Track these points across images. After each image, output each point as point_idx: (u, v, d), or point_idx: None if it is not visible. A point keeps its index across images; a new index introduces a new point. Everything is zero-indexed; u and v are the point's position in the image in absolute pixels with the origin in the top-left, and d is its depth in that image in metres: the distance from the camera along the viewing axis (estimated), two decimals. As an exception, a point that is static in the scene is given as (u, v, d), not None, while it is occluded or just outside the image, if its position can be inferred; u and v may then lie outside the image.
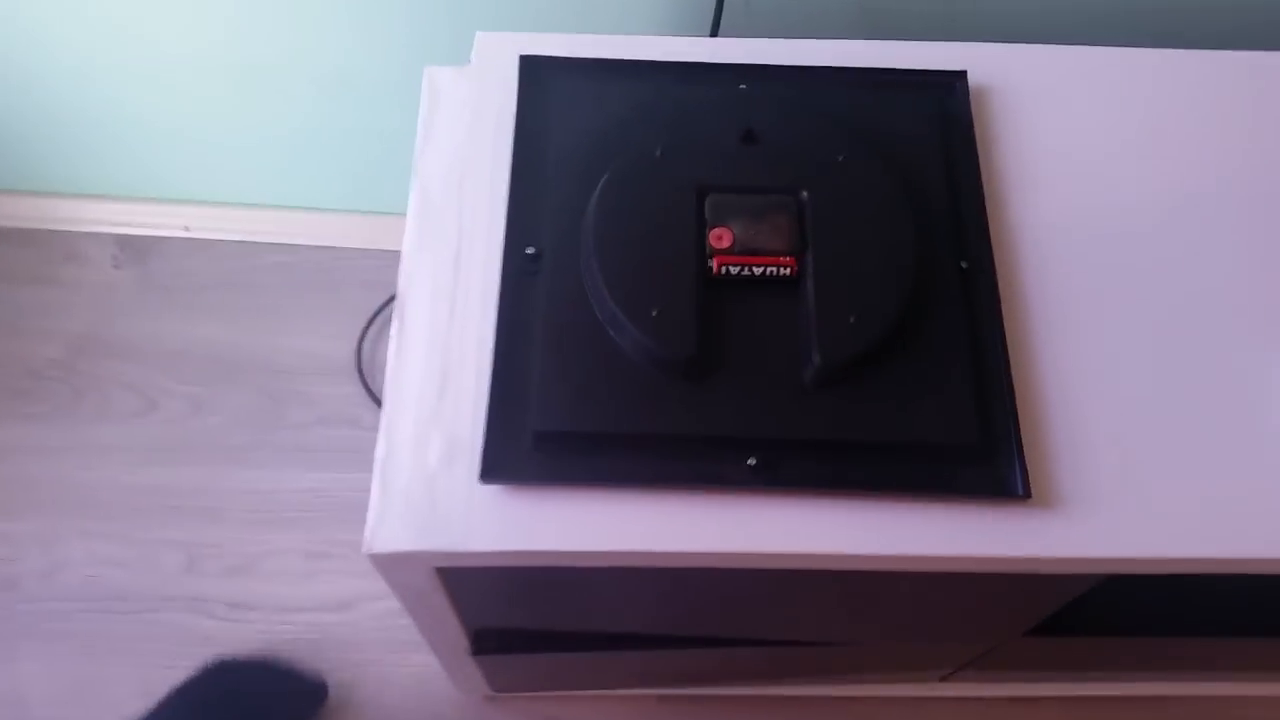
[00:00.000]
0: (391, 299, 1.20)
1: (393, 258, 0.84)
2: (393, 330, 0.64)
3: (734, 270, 0.62)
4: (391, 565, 0.59)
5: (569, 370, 0.60)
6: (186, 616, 1.08)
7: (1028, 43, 0.76)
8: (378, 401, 1.18)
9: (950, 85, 0.73)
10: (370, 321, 1.25)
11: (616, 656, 0.86)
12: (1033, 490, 0.59)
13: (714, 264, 0.62)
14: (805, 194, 0.64)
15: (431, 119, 0.72)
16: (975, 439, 0.59)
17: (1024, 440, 0.61)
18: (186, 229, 1.33)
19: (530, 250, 0.65)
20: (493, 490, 0.59)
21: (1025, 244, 0.68)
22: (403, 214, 0.68)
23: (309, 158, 1.22)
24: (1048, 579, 0.65)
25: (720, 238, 0.62)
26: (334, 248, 1.32)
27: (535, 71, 0.72)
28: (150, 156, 1.24)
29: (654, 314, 0.60)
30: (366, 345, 1.24)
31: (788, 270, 0.62)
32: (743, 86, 0.72)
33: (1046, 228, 0.69)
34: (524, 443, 0.59)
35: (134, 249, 1.31)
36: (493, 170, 0.69)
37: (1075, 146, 0.72)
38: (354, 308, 1.26)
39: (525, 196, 0.67)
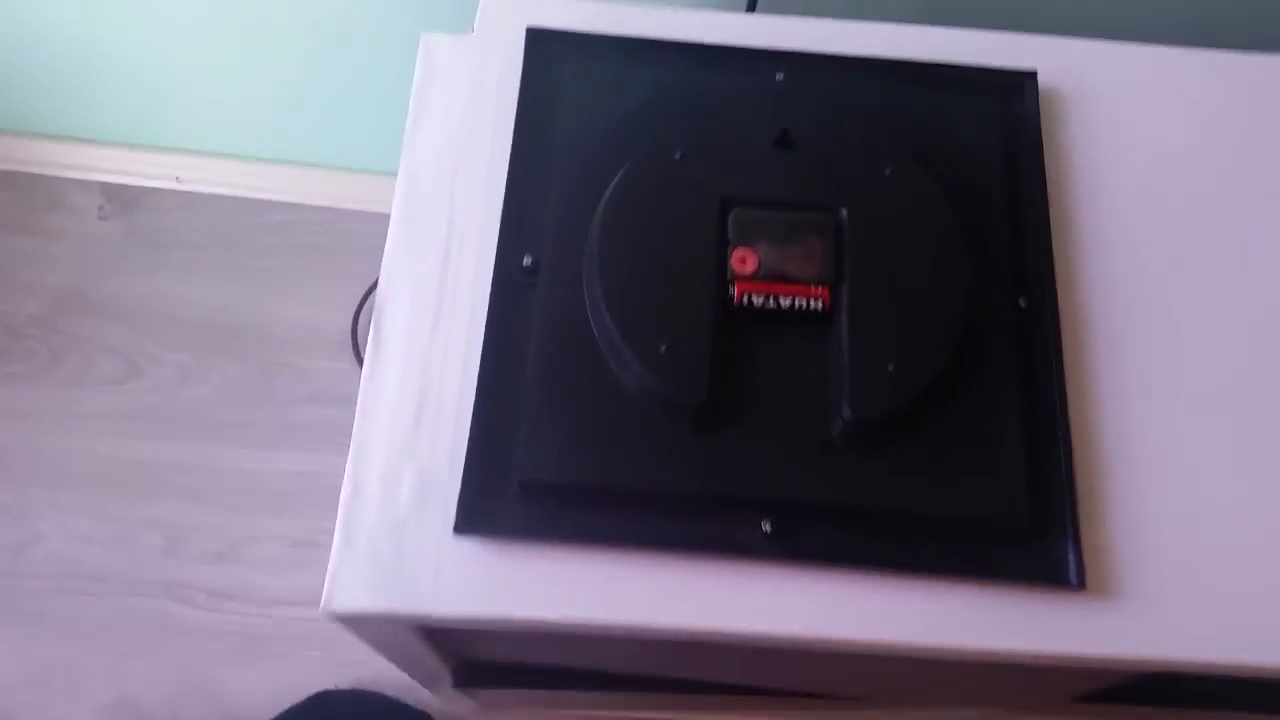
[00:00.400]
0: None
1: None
2: (369, 342, 0.56)
3: (757, 301, 0.54)
4: (354, 623, 0.53)
5: (562, 408, 0.52)
6: (164, 603, 1.02)
7: (1108, 39, 0.66)
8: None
9: (1017, 87, 0.63)
10: (368, 293, 1.17)
11: (611, 695, 0.80)
12: (1087, 579, 0.51)
13: (735, 291, 0.54)
14: (845, 212, 0.56)
15: (425, 95, 0.63)
16: (1025, 517, 0.51)
17: (1079, 518, 0.52)
18: (178, 180, 1.26)
19: (527, 260, 0.57)
20: (468, 543, 0.51)
21: (1094, 281, 0.59)
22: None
23: (307, 110, 1.14)
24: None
25: (744, 260, 0.54)
26: (333, 209, 1.24)
27: (543, 47, 0.63)
28: (140, 101, 1.16)
29: (662, 349, 0.52)
30: (363, 319, 1.16)
31: (819, 304, 0.54)
32: (780, 76, 0.63)
33: (1121, 262, 0.60)
34: (507, 490, 0.52)
35: (121, 199, 1.24)
36: (490, 160, 0.61)
37: (1159, 166, 0.62)
38: (352, 275, 1.19)
39: (524, 195, 0.58)
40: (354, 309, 1.17)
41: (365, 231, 1.22)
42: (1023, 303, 0.57)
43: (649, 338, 0.52)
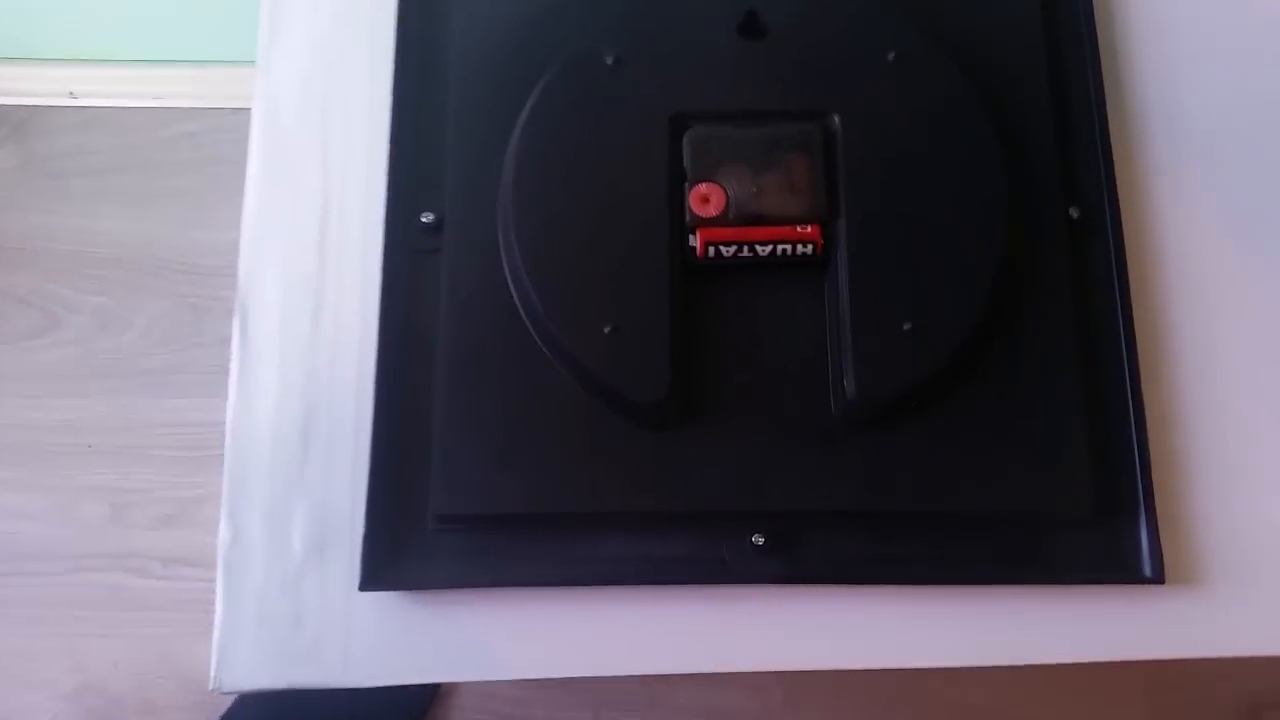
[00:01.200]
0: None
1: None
2: (233, 346, 0.44)
3: (727, 251, 0.41)
4: (253, 694, 0.43)
5: (485, 414, 0.40)
6: (116, 576, 0.94)
7: None
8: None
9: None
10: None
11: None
12: (1166, 570, 0.40)
13: (697, 242, 0.41)
14: (836, 119, 0.42)
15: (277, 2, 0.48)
16: (1088, 503, 0.40)
17: (1155, 497, 0.41)
18: (71, 95, 1.10)
19: (427, 218, 0.43)
20: (382, 597, 0.41)
21: (1165, 183, 0.45)
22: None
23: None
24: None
25: (706, 199, 0.41)
26: (248, 109, 1.08)
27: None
28: (20, 6, 0.99)
29: (606, 330, 0.39)
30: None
31: (810, 249, 0.41)
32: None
33: (1199, 156, 0.46)
34: (424, 527, 0.40)
35: (10, 122, 1.08)
36: (371, 80, 0.47)
37: (1247, 25, 0.48)
38: (282, 189, 1.04)
39: (416, 130, 0.45)
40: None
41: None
42: (1074, 213, 0.44)
43: (588, 317, 0.40)
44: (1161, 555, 0.40)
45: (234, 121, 1.08)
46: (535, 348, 0.41)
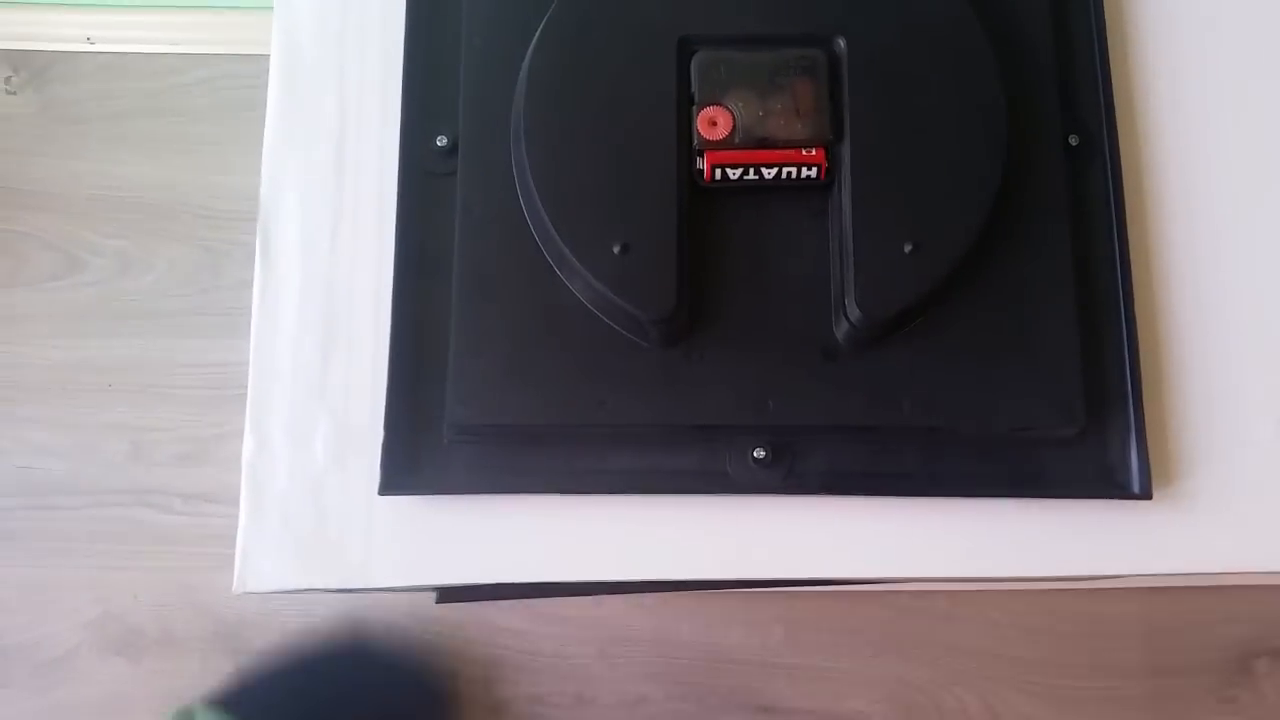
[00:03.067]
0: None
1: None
2: (256, 264, 0.46)
3: (733, 174, 0.42)
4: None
5: (497, 330, 0.42)
6: (138, 511, 0.96)
7: None
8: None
9: None
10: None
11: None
12: (1154, 487, 0.42)
13: (704, 165, 0.42)
14: (842, 43, 0.43)
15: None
16: (1081, 419, 0.41)
17: (1144, 415, 0.42)
18: (89, 40, 1.11)
19: (441, 141, 0.45)
20: (400, 501, 0.42)
21: (1163, 109, 0.46)
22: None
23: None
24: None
25: (714, 122, 0.42)
26: (266, 55, 1.09)
27: None
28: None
29: (616, 250, 0.41)
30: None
31: (814, 172, 0.42)
32: None
33: (1196, 77, 0.47)
34: (440, 436, 0.42)
35: (30, 68, 1.09)
36: (384, 12, 0.48)
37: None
38: (298, 135, 1.05)
39: (430, 53, 0.46)
40: (303, 174, 1.04)
41: (306, 82, 1.08)
42: (1073, 140, 0.45)
43: (598, 236, 0.41)
44: (1150, 473, 0.42)
45: (250, 68, 1.09)
46: (546, 266, 0.42)
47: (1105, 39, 0.45)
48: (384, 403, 0.42)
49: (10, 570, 0.95)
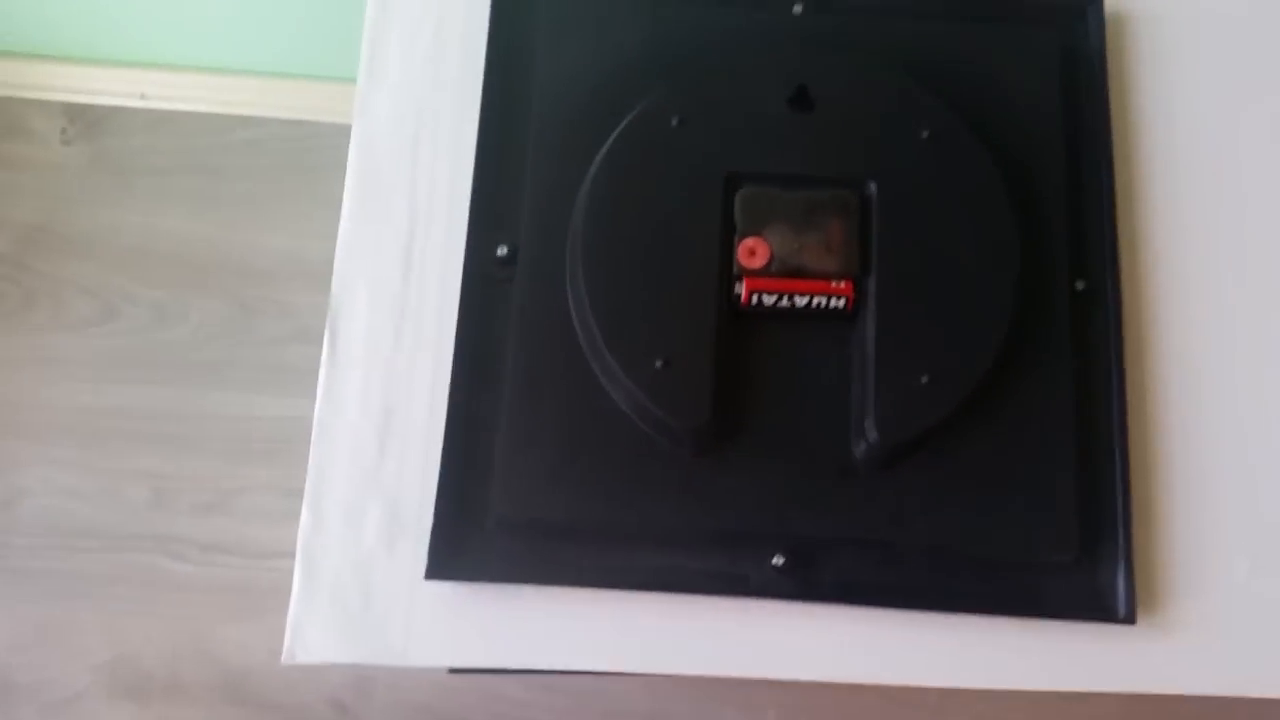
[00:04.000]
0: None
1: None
2: (324, 350, 0.49)
3: (768, 300, 0.46)
4: (319, 667, 0.48)
5: (544, 430, 0.46)
6: (156, 558, 0.99)
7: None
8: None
9: (1078, 10, 0.53)
10: (352, 223, 1.08)
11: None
12: (1139, 611, 0.45)
13: (742, 290, 0.46)
14: (873, 187, 0.47)
15: (379, 41, 0.54)
16: (1076, 549, 0.45)
17: (1134, 545, 0.46)
18: (143, 97, 1.16)
19: (502, 251, 0.49)
20: (443, 587, 0.46)
21: (1165, 260, 0.51)
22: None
23: (279, 13, 1.03)
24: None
25: (753, 252, 0.46)
26: (308, 121, 1.14)
27: (517, -19, 0.53)
28: (100, 11, 1.05)
29: (658, 365, 0.45)
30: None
31: (842, 302, 0.46)
32: (797, 9, 0.53)
33: (1198, 237, 0.51)
34: (485, 527, 0.46)
35: (85, 120, 1.14)
36: (457, 122, 0.52)
37: (1252, 113, 0.53)
38: (333, 197, 1.09)
39: (497, 170, 0.50)
40: (336, 235, 1.09)
41: (341, 146, 1.12)
42: (1080, 285, 0.49)
43: (642, 351, 0.45)
44: (1135, 599, 0.45)
45: (295, 132, 1.14)
46: (592, 374, 0.46)
47: (1114, 194, 0.50)
48: (434, 492, 0.46)
49: (27, 609, 0.97)
